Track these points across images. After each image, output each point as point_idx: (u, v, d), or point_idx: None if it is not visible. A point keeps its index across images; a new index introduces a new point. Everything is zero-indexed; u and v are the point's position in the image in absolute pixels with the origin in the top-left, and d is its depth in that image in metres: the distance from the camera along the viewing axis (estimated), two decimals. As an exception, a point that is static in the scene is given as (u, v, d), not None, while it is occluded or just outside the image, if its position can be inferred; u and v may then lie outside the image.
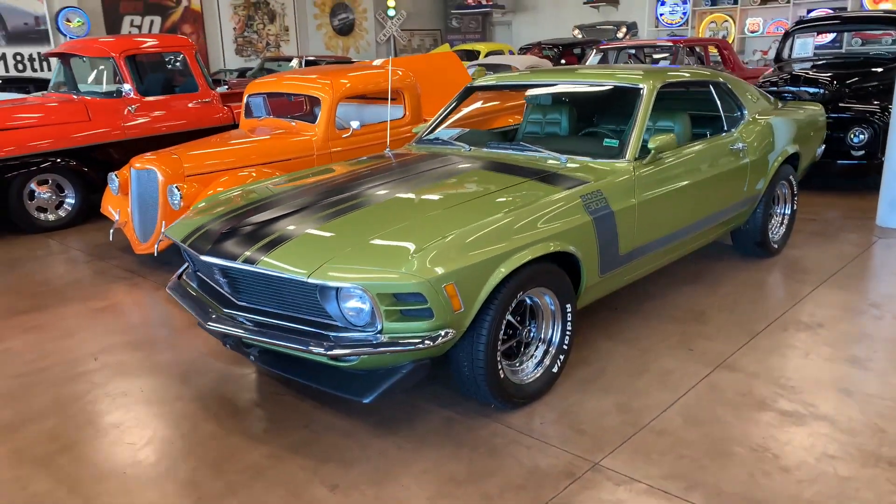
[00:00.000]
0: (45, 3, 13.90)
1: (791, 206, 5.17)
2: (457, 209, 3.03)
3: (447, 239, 2.76)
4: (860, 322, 3.94)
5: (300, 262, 2.72)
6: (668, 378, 3.38)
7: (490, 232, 2.87)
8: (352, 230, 2.91)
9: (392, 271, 2.62)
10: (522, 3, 19.79)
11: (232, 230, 3.06)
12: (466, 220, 2.90)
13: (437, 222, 2.89)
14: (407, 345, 2.66)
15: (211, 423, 3.11)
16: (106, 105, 6.75)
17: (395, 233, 2.84)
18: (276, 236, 2.91)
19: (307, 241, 2.85)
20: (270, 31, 17.17)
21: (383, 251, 2.72)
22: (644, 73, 4.07)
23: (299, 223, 3.00)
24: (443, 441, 2.92)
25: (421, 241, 2.73)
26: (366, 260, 2.68)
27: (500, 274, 2.83)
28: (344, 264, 2.67)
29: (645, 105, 3.85)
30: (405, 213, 3.01)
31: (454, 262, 2.70)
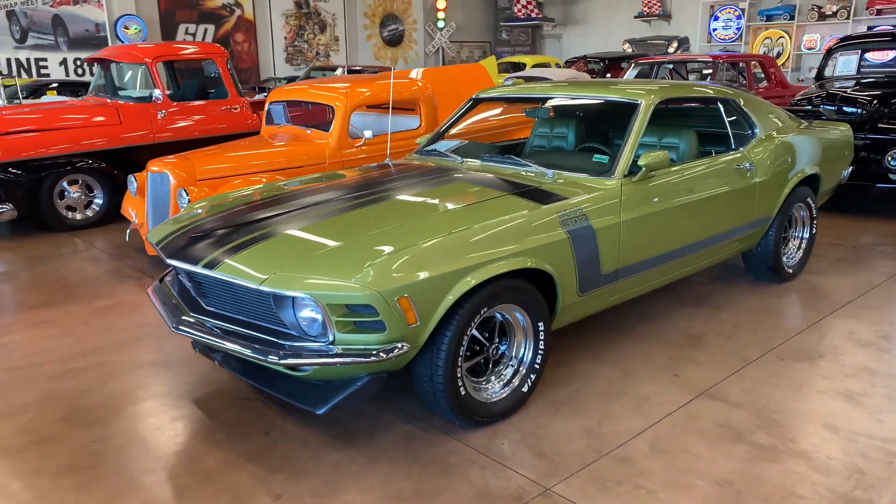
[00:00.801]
0: (105, 11, 14.47)
1: (810, 229, 4.95)
2: (425, 221, 2.99)
3: (405, 251, 2.72)
4: (864, 355, 3.74)
5: (255, 270, 2.72)
6: (645, 404, 3.26)
7: (453, 246, 2.82)
8: (315, 239, 2.89)
9: (344, 282, 2.60)
10: (573, 17, 19.65)
11: (201, 235, 3.09)
12: (431, 233, 2.86)
13: (401, 234, 2.86)
14: (359, 357, 2.63)
15: (177, 426, 3.14)
16: (137, 109, 6.95)
17: (357, 243, 2.81)
18: (238, 243, 2.92)
19: (268, 248, 2.86)
20: (320, 40, 17.46)
21: (340, 261, 2.70)
22: (643, 88, 3.96)
23: (265, 230, 3.01)
24: (398, 456, 2.87)
25: (378, 253, 2.70)
26: (320, 269, 2.67)
27: (460, 289, 2.77)
28: (298, 273, 2.66)
29: (640, 121, 3.74)
30: (372, 224, 2.99)
31: (410, 275, 2.66)
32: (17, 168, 6.33)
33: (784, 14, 15.28)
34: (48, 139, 6.50)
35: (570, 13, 19.66)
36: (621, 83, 4.31)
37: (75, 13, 14.34)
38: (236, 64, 16.25)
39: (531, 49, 20.14)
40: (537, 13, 18.94)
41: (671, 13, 17.86)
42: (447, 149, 4.34)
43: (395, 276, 2.63)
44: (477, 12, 20.16)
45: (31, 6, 13.89)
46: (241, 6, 16.16)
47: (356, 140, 5.72)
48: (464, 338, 2.87)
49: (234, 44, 16.22)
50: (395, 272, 2.64)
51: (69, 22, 14.33)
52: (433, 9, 19.03)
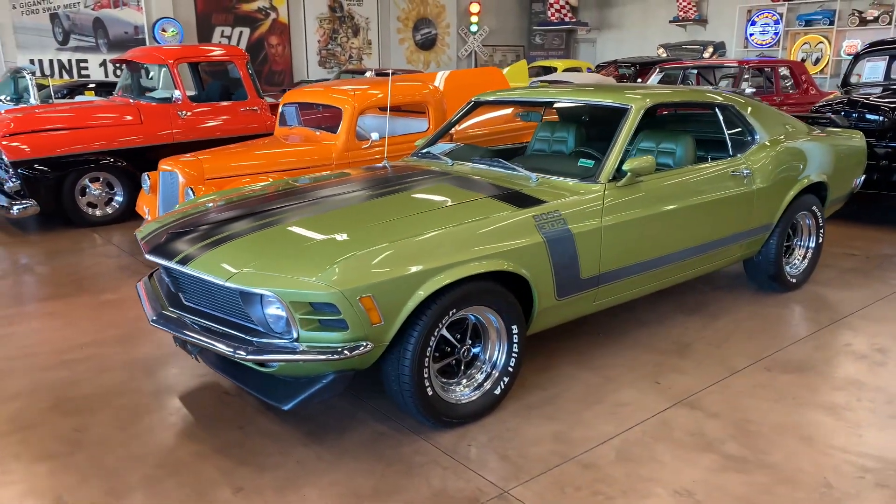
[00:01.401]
0: (143, 14, 14.85)
1: (816, 238, 4.84)
2: (397, 222, 3.01)
3: (371, 251, 2.75)
4: (856, 368, 3.64)
5: (224, 266, 2.78)
6: (621, 410, 3.24)
7: (421, 247, 2.84)
8: (287, 238, 2.95)
9: (307, 280, 2.64)
10: (608, 21, 19.51)
11: (181, 232, 3.17)
12: (400, 234, 2.89)
13: (370, 235, 2.89)
14: (321, 355, 2.67)
15: (154, 418, 3.22)
16: (157, 109, 7.13)
17: (325, 243, 2.85)
18: (213, 240, 2.99)
19: (239, 246, 2.91)
20: (353, 44, 17.64)
21: (306, 260, 2.74)
22: (634, 92, 3.93)
23: (241, 228, 3.07)
24: (364, 455, 2.90)
25: (344, 252, 2.74)
26: (286, 268, 2.72)
27: (426, 291, 2.79)
28: (264, 271, 2.72)
29: (628, 126, 3.72)
30: (344, 225, 3.02)
31: (374, 274, 2.69)
32: (43, 165, 6.54)
33: (823, 19, 14.95)
34: (73, 137, 6.71)
35: (604, 17, 19.53)
36: (616, 87, 4.28)
37: (115, 16, 14.75)
38: (270, 66, 16.54)
39: (565, 53, 20.04)
40: (571, 17, 18.85)
41: (707, 17, 17.61)
42: (442, 151, 4.36)
43: (358, 275, 2.66)
44: (511, 16, 20.14)
45: (74, 9, 14.33)
46: (276, 10, 16.43)
47: (363, 142, 5.78)
48: (431, 338, 2.89)
49: (268, 47, 16.48)
50: (358, 272, 2.67)
51: (109, 24, 14.74)
52: (467, 13, 19.08)
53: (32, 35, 14.07)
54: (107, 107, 7.18)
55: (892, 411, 3.20)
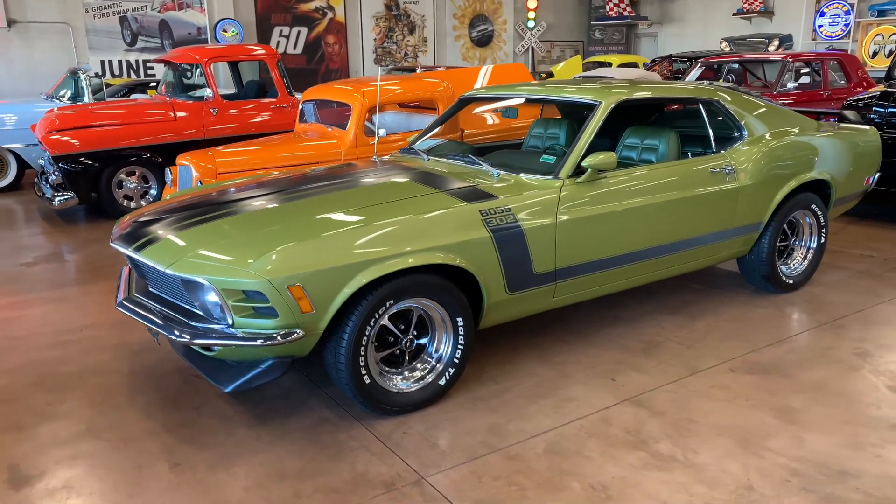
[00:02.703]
0: (206, 15, 15.47)
1: (818, 238, 4.67)
2: (342, 215, 3.11)
3: (304, 242, 2.86)
4: (826, 372, 3.53)
5: (167, 255, 2.95)
6: (566, 405, 3.25)
7: (357, 238, 2.93)
8: (232, 228, 3.08)
9: (237, 269, 2.78)
10: (669, 15, 19.06)
11: (147, 222, 3.36)
12: (340, 226, 2.99)
13: (311, 226, 3.00)
14: (254, 341, 2.80)
15: (123, 396, 3.44)
16: (190, 107, 7.47)
17: (264, 234, 2.98)
18: (166, 230, 3.16)
19: (188, 235, 3.07)
20: (409, 42, 17.85)
21: (241, 249, 2.88)
22: (604, 88, 3.91)
23: (194, 219, 3.23)
24: (301, 438, 3.02)
25: (277, 243, 2.86)
26: (224, 256, 2.86)
27: (359, 281, 2.89)
28: (201, 259, 2.87)
29: (595, 121, 3.71)
30: (290, 217, 3.14)
31: (304, 265, 2.80)
32: (82, 159, 6.96)
33: (898, 9, 14.21)
34: (111, 134, 7.12)
35: (666, 11, 19.09)
36: (590, 83, 4.25)
37: (180, 17, 15.42)
38: (327, 65, 16.93)
39: (625, 49, 19.69)
40: (630, 12, 18.51)
41: (773, 9, 17.00)
42: (427, 147, 4.43)
43: (288, 265, 2.78)
44: (569, 12, 19.95)
45: (141, 12, 15.06)
46: (333, 9, 16.80)
47: (371, 138, 5.91)
48: (367, 328, 2.98)
49: (325, 45, 16.88)
50: (287, 262, 2.78)
51: (174, 26, 15.42)
52: (524, 9, 19.00)
53: (103, 37, 14.85)
54: (144, 105, 7.57)
55: (847, 417, 3.10)
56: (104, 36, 14.83)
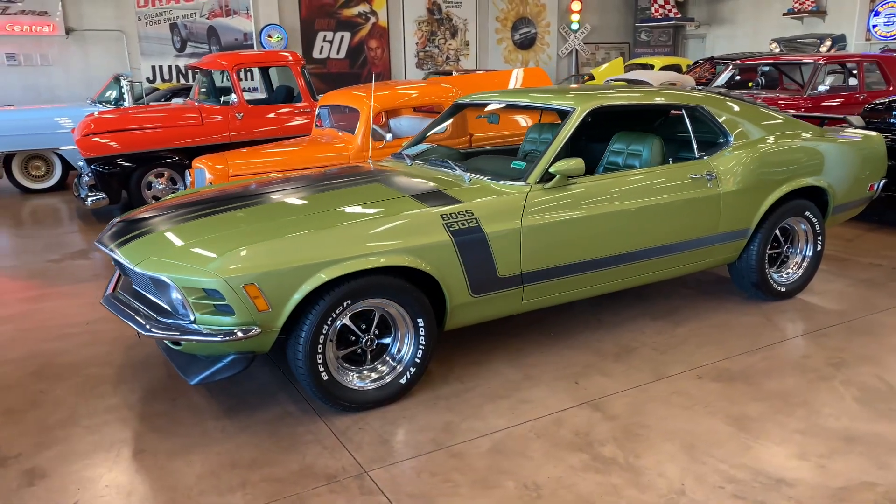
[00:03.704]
0: (252, 21, 15.93)
1: (814, 246, 4.59)
2: (302, 218, 3.23)
3: (262, 243, 3.01)
4: (794, 381, 3.49)
5: (139, 253, 3.14)
6: (522, 407, 3.31)
7: (313, 241, 3.06)
8: (203, 229, 3.23)
9: (196, 268, 2.94)
10: (718, 16, 18.69)
11: (130, 222, 3.56)
12: (299, 228, 3.12)
13: (272, 228, 3.14)
14: (212, 336, 2.96)
15: (109, 386, 3.65)
16: (217, 112, 7.76)
17: (229, 234, 3.13)
18: (144, 230, 3.35)
19: (160, 236, 3.25)
20: (451, 45, 17.99)
21: (203, 249, 3.03)
22: (581, 95, 3.95)
23: (171, 220, 3.41)
24: (262, 431, 3.17)
25: (238, 243, 3.01)
26: (185, 256, 3.03)
27: (314, 281, 3.01)
28: (166, 258, 3.04)
29: (567, 127, 3.75)
30: (259, 217, 3.29)
31: (260, 265, 2.94)
32: (113, 161, 7.32)
33: (955, 8, 13.63)
34: (141, 137, 7.46)
35: (714, 12, 18.73)
36: (567, 90, 4.29)
37: (227, 24, 15.92)
38: (369, 69, 17.21)
39: (672, 51, 19.40)
40: (676, 13, 18.24)
41: (826, 9, 16.51)
42: (416, 152, 4.54)
43: (244, 264, 2.93)
44: (615, 13, 19.77)
45: (190, 19, 15.61)
46: (376, 14, 17.08)
47: (378, 142, 6.05)
48: (324, 327, 3.10)
49: (367, 50, 17.17)
50: (244, 262, 2.93)
51: (221, 32, 15.93)
52: (568, 11, 18.93)
53: (155, 43, 15.46)
54: (175, 109, 7.90)
55: (802, 426, 3.07)
56: (155, 42, 15.43)
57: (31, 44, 14.62)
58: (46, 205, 8.71)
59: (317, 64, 16.70)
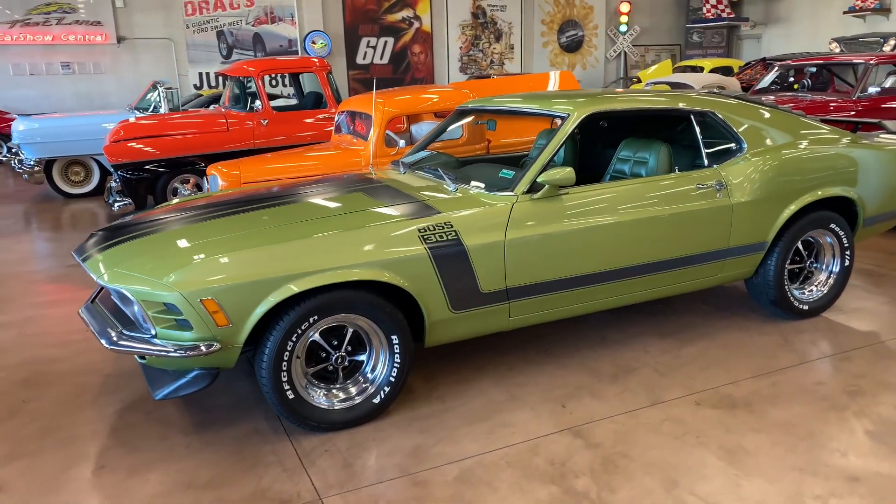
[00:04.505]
0: (297, 28, 16.08)
1: (841, 261, 4.25)
2: (272, 230, 3.12)
3: (222, 255, 2.90)
4: (802, 411, 3.19)
5: (104, 265, 3.07)
6: (501, 431, 3.12)
7: (277, 254, 2.94)
8: (171, 240, 3.15)
9: (155, 281, 2.85)
10: (774, 15, 18.00)
11: (105, 233, 3.50)
12: (264, 241, 3.00)
13: (237, 240, 3.03)
14: (171, 351, 2.87)
15: (91, 396, 3.61)
16: (242, 118, 7.77)
17: (192, 246, 3.03)
18: (115, 240, 3.29)
19: (129, 247, 3.17)
20: (496, 49, 17.81)
21: (165, 262, 2.94)
22: (579, 100, 3.74)
23: (142, 231, 3.34)
24: (226, 449, 3.06)
25: (198, 256, 2.92)
26: (147, 269, 2.94)
27: (277, 296, 2.90)
28: (128, 270, 2.97)
29: (560, 134, 3.55)
30: (226, 229, 3.18)
31: (218, 279, 2.84)
32: (140, 167, 7.41)
33: None
34: (168, 144, 7.54)
35: (771, 11, 18.05)
36: (566, 94, 4.07)
37: (272, 31, 16.12)
38: (412, 74, 17.18)
39: (725, 52, 18.79)
40: (729, 13, 17.64)
41: (890, 6, 15.71)
42: (414, 159, 4.39)
43: (202, 278, 2.83)
44: (666, 14, 19.26)
45: (237, 26, 15.86)
46: (420, 19, 17.04)
47: (391, 149, 5.93)
48: (288, 343, 2.98)
49: (411, 55, 17.14)
50: (201, 275, 2.83)
51: (267, 39, 16.14)
52: (616, 13, 18.54)
53: (202, 51, 15.76)
54: (202, 116, 7.95)
55: (802, 462, 2.79)
56: (203, 49, 15.73)
57: (85, 52, 15.09)
58: (82, 209, 8.90)
59: (360, 69, 16.76)
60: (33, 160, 9.12)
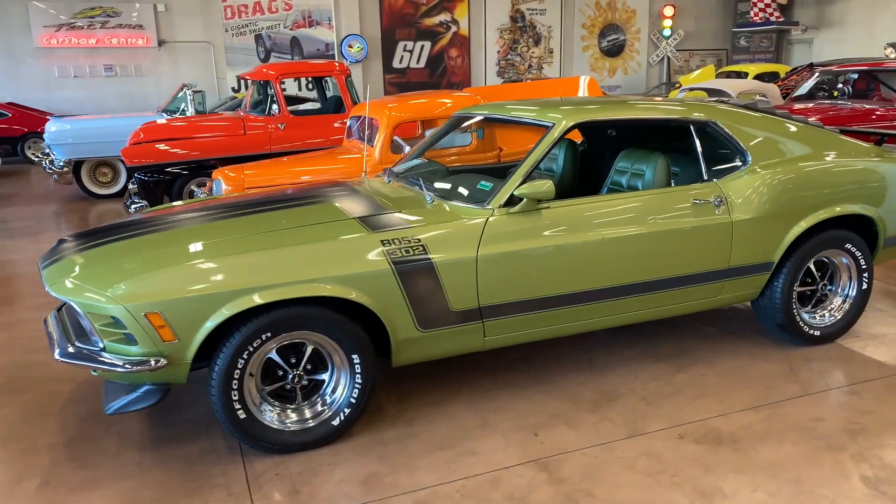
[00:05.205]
0: (334, 32, 16.12)
1: (858, 284, 3.93)
2: (234, 240, 3.00)
3: (170, 268, 2.79)
4: (796, 450, 2.92)
5: (56, 275, 2.99)
6: (463, 460, 2.93)
7: (227, 266, 2.82)
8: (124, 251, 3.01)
9: (100, 293, 2.75)
10: (827, 18, 17.30)
11: (68, 241, 3.41)
12: (218, 253, 2.88)
13: (189, 251, 2.91)
14: (115, 366, 2.77)
15: (58, 406, 3.54)
16: (259, 122, 7.74)
17: (145, 258, 2.92)
18: (75, 250, 3.21)
19: (84, 256, 3.08)
20: (534, 53, 17.56)
21: (112, 274, 2.83)
22: (566, 108, 3.53)
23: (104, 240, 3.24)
24: (177, 468, 2.95)
25: (146, 268, 2.81)
26: (95, 279, 2.84)
27: (227, 311, 2.77)
28: (77, 282, 2.88)
29: (543, 146, 3.34)
30: (183, 240, 3.06)
31: (164, 292, 2.72)
32: (156, 170, 7.43)
33: None
34: (185, 147, 7.55)
35: (824, 15, 17.36)
36: (553, 102, 3.86)
37: (310, 34, 16.19)
38: (449, 78, 17.05)
39: (774, 57, 18.16)
40: (777, 16, 17.02)
41: (951, 10, 14.95)
42: (405, 168, 4.23)
43: (147, 291, 2.72)
44: (712, 18, 18.72)
45: (275, 30, 15.98)
46: (458, 22, 16.91)
47: (397, 155, 5.79)
48: (239, 360, 2.85)
49: (447, 59, 17.02)
50: (146, 288, 2.72)
51: (304, 42, 16.22)
52: (659, 17, 18.10)
53: (240, 54, 15.92)
54: (221, 119, 7.95)
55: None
56: (241, 53, 15.89)
57: (127, 56, 15.39)
58: (107, 210, 9.00)
59: (396, 73, 16.71)
60: (62, 161, 9.26)
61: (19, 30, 14.55)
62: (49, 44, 14.74)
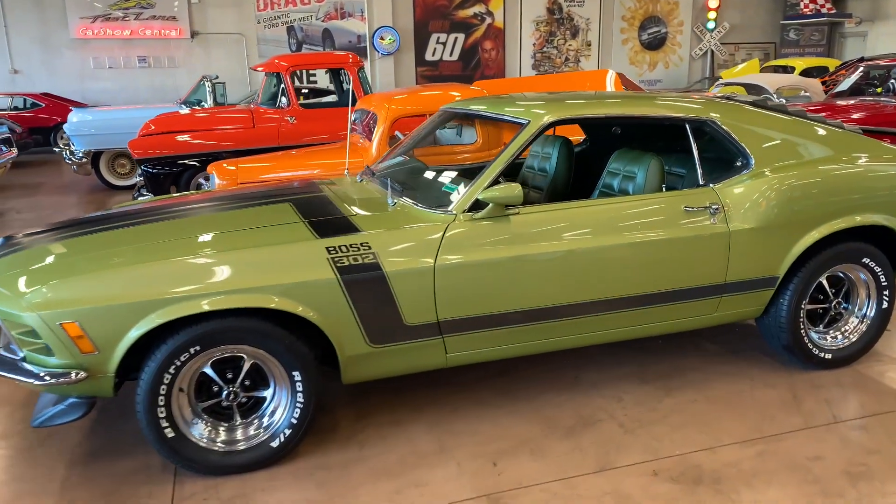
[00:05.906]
0: (366, 23, 15.93)
1: (878, 303, 3.52)
2: (170, 244, 2.78)
3: (88, 273, 2.58)
4: (784, 495, 2.56)
5: (-16, 277, 2.81)
6: (409, 491, 2.66)
7: (153, 273, 2.59)
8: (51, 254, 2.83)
9: (16, 300, 2.56)
10: (883, 11, 16.40)
11: (11, 240, 3.21)
12: (145, 258, 2.66)
13: (113, 256, 2.70)
14: (31, 378, 2.58)
15: (4, 412, 3.38)
16: (268, 114, 7.56)
17: (69, 262, 2.71)
18: (11, 249, 3.02)
19: (13, 258, 2.87)
20: (571, 46, 17.09)
21: (32, 278, 2.63)
22: (546, 103, 3.21)
23: (38, 241, 3.04)
24: (105, 485, 2.75)
25: (63, 273, 2.60)
26: (13, 284, 2.64)
27: (147, 323, 2.55)
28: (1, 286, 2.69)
29: (515, 145, 3.04)
30: (120, 241, 2.86)
31: (81, 300, 2.51)
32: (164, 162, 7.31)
33: None
34: (193, 139, 7.42)
35: (878, 7, 16.46)
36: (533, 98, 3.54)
37: (341, 26, 16.04)
38: (482, 71, 16.72)
39: (825, 51, 17.32)
40: (829, 8, 16.21)
41: None
42: (386, 165, 3.96)
43: (61, 299, 2.51)
44: (760, 10, 17.95)
45: (307, 22, 15.87)
46: (492, 14, 16.55)
47: (396, 151, 5.52)
48: (165, 375, 2.63)
49: (481, 52, 16.68)
50: (62, 295, 2.52)
51: (336, 34, 16.08)
52: (704, 8, 17.44)
53: (272, 46, 15.86)
54: (231, 112, 7.80)
55: (755, 572, 2.19)
56: (273, 45, 15.82)
57: (160, 47, 15.47)
58: (124, 201, 8.94)
59: (429, 66, 16.45)
60: (81, 152, 9.26)
61: (56, 22, 14.73)
62: (85, 35, 14.89)
